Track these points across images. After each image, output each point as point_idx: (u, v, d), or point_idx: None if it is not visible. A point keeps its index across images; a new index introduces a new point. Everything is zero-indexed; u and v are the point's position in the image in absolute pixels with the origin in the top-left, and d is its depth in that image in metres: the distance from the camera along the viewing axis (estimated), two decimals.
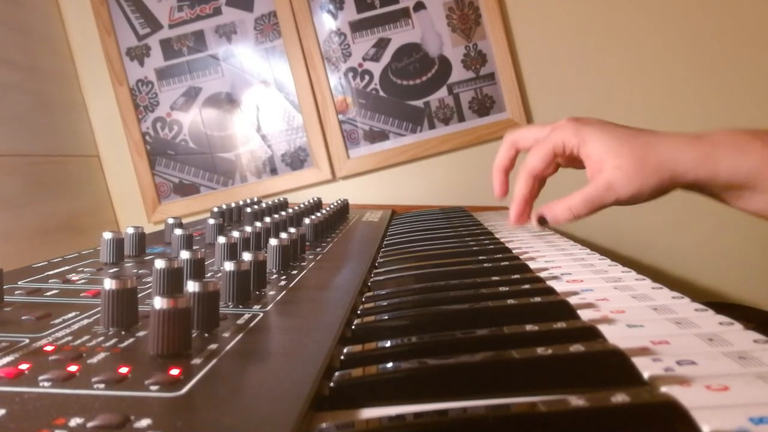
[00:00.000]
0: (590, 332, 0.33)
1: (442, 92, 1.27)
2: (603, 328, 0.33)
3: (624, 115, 1.27)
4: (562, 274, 0.50)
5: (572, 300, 0.40)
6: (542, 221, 0.64)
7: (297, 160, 1.30)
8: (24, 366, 0.28)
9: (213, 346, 0.31)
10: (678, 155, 0.55)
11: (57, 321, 0.36)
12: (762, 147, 0.52)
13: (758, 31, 1.22)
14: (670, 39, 1.24)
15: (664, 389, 0.25)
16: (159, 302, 0.29)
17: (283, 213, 0.74)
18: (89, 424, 0.22)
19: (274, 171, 1.31)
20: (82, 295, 0.42)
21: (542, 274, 0.49)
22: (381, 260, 0.63)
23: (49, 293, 0.43)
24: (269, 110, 1.31)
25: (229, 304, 0.40)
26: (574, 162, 0.65)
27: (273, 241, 0.52)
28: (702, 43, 1.23)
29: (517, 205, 0.65)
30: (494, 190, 0.69)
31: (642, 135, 0.58)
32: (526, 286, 0.43)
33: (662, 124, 1.30)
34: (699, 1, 1.24)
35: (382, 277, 0.53)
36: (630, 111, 1.25)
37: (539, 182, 0.70)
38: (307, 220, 0.70)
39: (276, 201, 0.98)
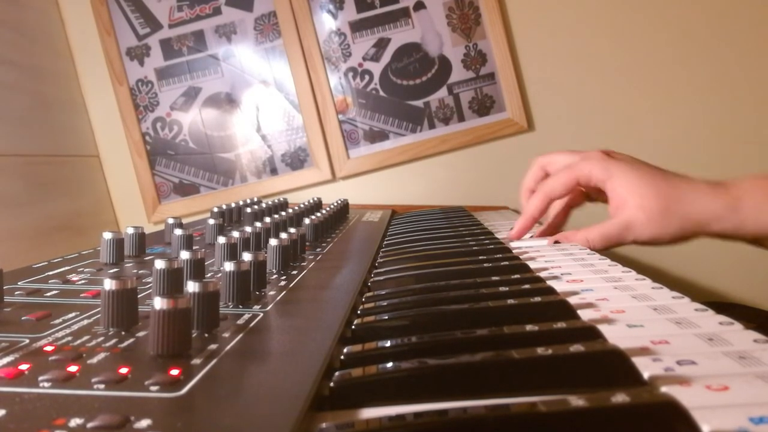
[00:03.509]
0: (590, 332, 0.33)
1: (442, 92, 1.27)
2: (603, 328, 0.33)
3: (624, 114, 1.28)
4: (562, 274, 0.50)
5: (572, 300, 0.40)
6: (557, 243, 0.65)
7: (297, 160, 1.30)
8: (24, 366, 0.28)
9: (213, 346, 0.31)
10: (702, 204, 0.54)
11: (57, 321, 0.36)
12: None
13: (760, 30, 1.22)
14: (670, 38, 1.24)
15: (664, 389, 0.25)
16: (159, 302, 0.29)
17: (283, 213, 0.74)
18: (89, 425, 0.22)
19: (274, 171, 1.31)
20: (82, 295, 0.42)
21: (542, 274, 0.49)
22: (381, 260, 0.63)
23: (49, 293, 0.43)
24: (269, 110, 1.31)
25: (229, 304, 0.40)
26: (601, 195, 0.64)
27: (273, 241, 0.52)
28: (703, 42, 1.23)
29: (524, 221, 0.66)
30: (514, 231, 0.69)
31: (670, 179, 0.57)
32: (526, 286, 0.43)
33: (662, 124, 1.30)
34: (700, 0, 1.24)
35: (382, 277, 0.53)
36: (630, 110, 1.25)
37: (565, 211, 0.70)
38: (307, 220, 0.70)
39: (276, 201, 0.98)
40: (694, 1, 1.23)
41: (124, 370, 0.28)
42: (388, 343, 0.33)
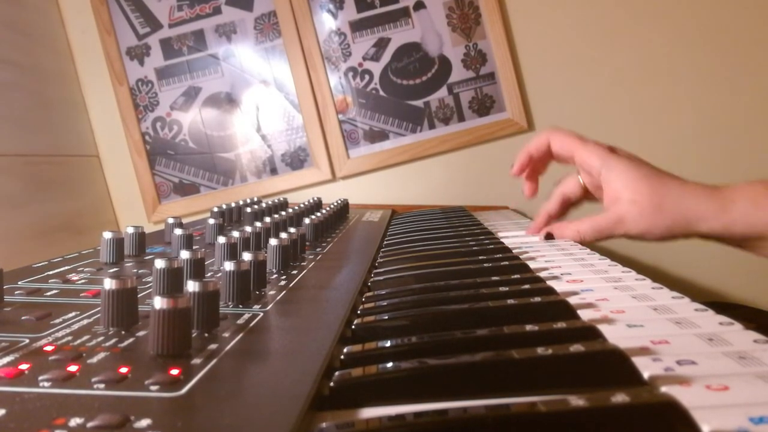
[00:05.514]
0: (590, 332, 0.33)
1: (442, 92, 1.27)
2: (603, 328, 0.33)
3: (624, 114, 1.28)
4: (562, 274, 0.50)
5: (572, 300, 0.40)
6: (549, 236, 0.65)
7: (297, 159, 1.30)
8: (24, 366, 0.28)
9: (213, 346, 0.31)
10: (694, 204, 0.55)
11: (57, 321, 0.36)
12: None
13: (758, 32, 1.22)
14: (670, 39, 1.24)
15: (664, 389, 0.25)
16: (159, 302, 0.29)
17: (283, 213, 0.74)
18: (89, 424, 0.22)
19: (274, 171, 1.31)
20: (82, 295, 0.42)
21: (542, 274, 0.49)
22: (381, 260, 0.63)
23: (49, 293, 0.43)
24: (269, 110, 1.31)
25: (229, 303, 0.40)
26: (599, 193, 0.65)
27: (273, 241, 0.52)
28: (703, 43, 1.23)
29: (540, 218, 0.69)
30: (514, 166, 0.69)
31: (664, 178, 0.58)
32: (526, 286, 0.43)
33: (661, 124, 1.30)
34: (701, 2, 1.23)
35: (382, 277, 0.53)
36: (630, 111, 1.25)
37: (559, 200, 0.71)
38: (307, 220, 0.70)
39: (276, 201, 0.98)
40: (694, 3, 1.23)
41: (124, 370, 0.28)
42: (388, 343, 0.33)
